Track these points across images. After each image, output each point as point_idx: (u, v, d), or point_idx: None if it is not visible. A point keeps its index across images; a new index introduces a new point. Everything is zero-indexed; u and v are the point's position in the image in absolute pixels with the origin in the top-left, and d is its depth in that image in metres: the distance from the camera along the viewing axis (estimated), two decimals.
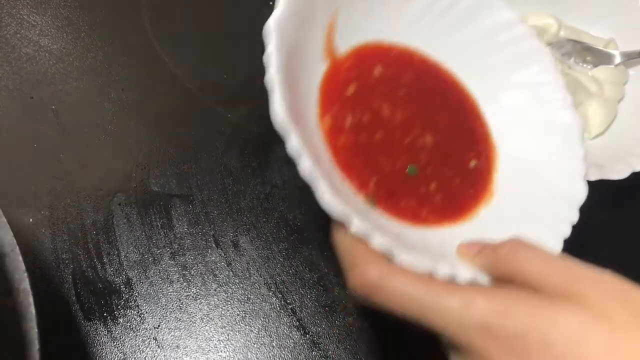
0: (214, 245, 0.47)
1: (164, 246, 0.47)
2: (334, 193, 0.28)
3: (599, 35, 0.52)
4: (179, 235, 0.47)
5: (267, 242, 0.47)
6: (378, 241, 0.28)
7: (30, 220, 0.47)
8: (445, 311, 0.26)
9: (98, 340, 0.44)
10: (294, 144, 0.28)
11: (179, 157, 0.50)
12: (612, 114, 0.49)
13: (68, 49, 0.54)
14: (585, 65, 0.51)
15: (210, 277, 0.46)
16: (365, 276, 0.27)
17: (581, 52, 0.50)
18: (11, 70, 0.53)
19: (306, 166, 0.28)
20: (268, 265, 0.47)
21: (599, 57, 0.50)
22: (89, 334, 0.44)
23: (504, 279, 0.28)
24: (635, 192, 0.51)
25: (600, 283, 0.25)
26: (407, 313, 0.27)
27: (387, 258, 0.28)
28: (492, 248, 0.29)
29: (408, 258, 0.28)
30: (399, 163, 0.36)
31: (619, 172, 0.43)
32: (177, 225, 0.48)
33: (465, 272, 0.29)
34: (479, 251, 0.30)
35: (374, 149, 0.35)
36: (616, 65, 0.50)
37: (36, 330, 0.29)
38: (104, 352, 0.43)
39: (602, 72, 0.50)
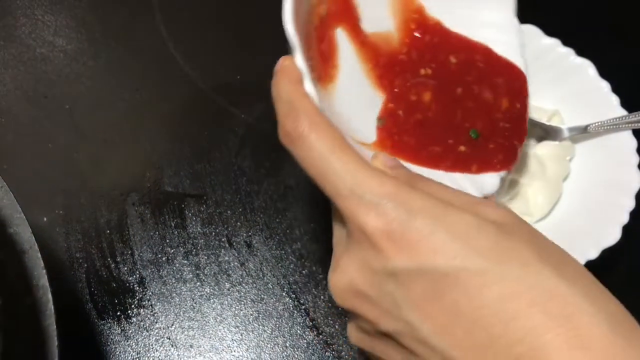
0: (227, 245, 0.47)
1: (178, 246, 0.47)
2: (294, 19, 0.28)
3: (543, 105, 0.48)
4: (192, 235, 0.47)
5: (281, 242, 0.47)
6: (308, 87, 0.27)
7: (45, 219, 0.47)
8: (345, 175, 0.25)
9: (112, 339, 0.44)
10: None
11: (193, 157, 0.50)
12: (556, 194, 0.45)
13: (82, 49, 0.54)
14: (528, 141, 0.46)
15: (224, 276, 0.46)
16: (295, 124, 0.26)
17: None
18: (26, 70, 0.53)
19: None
20: (281, 266, 0.47)
21: (544, 131, 0.46)
22: (103, 333, 0.44)
23: None
24: None
25: (504, 209, 0.25)
26: (313, 173, 0.26)
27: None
28: (406, 170, 0.28)
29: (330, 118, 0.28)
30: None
31: None
32: (190, 225, 0.48)
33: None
34: (396, 167, 0.28)
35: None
36: (562, 141, 0.46)
37: (55, 326, 0.29)
38: (117, 351, 0.43)
39: (545, 148, 0.46)
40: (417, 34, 0.39)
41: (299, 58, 0.28)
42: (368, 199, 0.24)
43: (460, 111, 0.38)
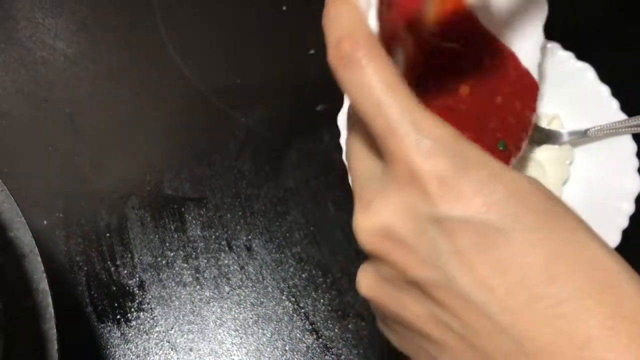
0: (227, 248, 0.47)
1: (177, 249, 0.47)
2: None
3: (543, 109, 0.48)
4: (192, 239, 0.47)
5: (280, 245, 0.47)
6: (372, 20, 0.25)
7: (45, 222, 0.47)
8: (404, 114, 0.23)
9: (111, 343, 0.44)
10: None
11: (193, 161, 0.50)
12: None
13: (83, 52, 0.54)
14: (529, 144, 0.46)
15: (223, 280, 0.46)
16: (355, 47, 0.24)
17: None
18: (26, 73, 0.53)
19: None
20: (281, 269, 0.47)
21: (544, 135, 0.47)
22: (103, 336, 0.44)
23: None
24: None
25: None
26: (363, 101, 0.24)
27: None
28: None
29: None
30: None
31: None
32: (190, 229, 0.48)
33: None
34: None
35: None
36: (561, 145, 0.46)
37: (55, 330, 0.30)
38: (117, 354, 0.43)
39: (545, 152, 0.46)
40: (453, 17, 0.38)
41: None
42: (425, 141, 0.23)
43: (495, 119, 0.37)
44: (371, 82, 0.23)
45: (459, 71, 0.38)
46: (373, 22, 0.25)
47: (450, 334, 0.24)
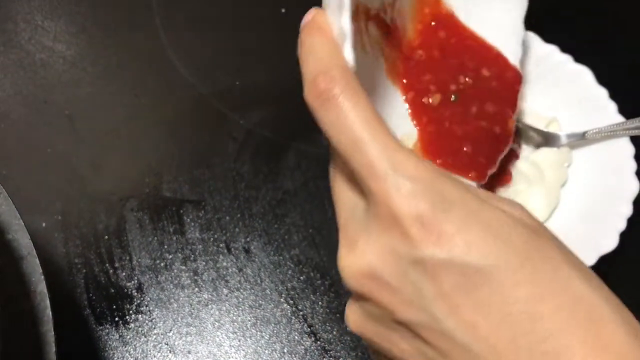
0: (225, 251, 0.47)
1: (176, 251, 0.47)
2: None
3: (541, 112, 0.48)
4: (190, 241, 0.47)
5: (279, 248, 0.47)
6: (348, 52, 0.25)
7: (44, 224, 0.47)
8: (382, 154, 0.23)
9: (109, 345, 0.44)
10: None
11: (192, 163, 0.50)
12: (555, 200, 0.45)
13: (82, 54, 0.54)
14: (526, 147, 0.47)
15: (222, 282, 0.46)
16: (330, 84, 0.24)
17: (524, 132, 0.47)
18: (25, 76, 0.53)
19: None
20: (279, 272, 0.47)
21: (542, 138, 0.46)
22: (101, 339, 0.44)
23: None
24: None
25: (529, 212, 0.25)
26: (343, 142, 0.24)
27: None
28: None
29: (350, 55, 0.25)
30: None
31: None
32: (189, 231, 0.48)
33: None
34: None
35: None
36: (559, 147, 0.46)
37: (53, 332, 0.30)
38: (115, 357, 0.43)
39: (543, 154, 0.46)
40: (433, 23, 0.39)
41: (346, 17, 0.24)
42: (404, 182, 0.23)
43: (469, 127, 0.38)
44: (348, 120, 0.24)
45: (442, 78, 0.38)
46: (349, 54, 0.25)
47: None
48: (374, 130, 0.24)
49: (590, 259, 0.41)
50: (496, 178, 0.43)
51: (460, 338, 0.23)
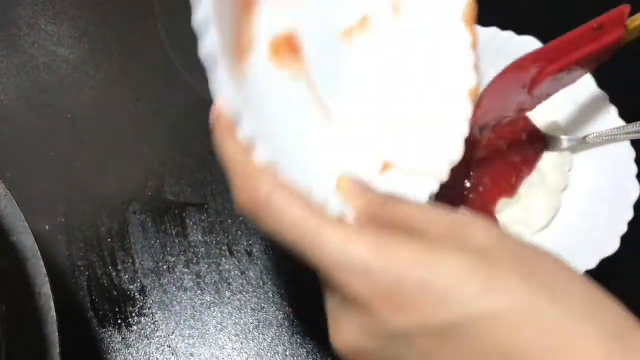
0: (228, 254, 0.47)
1: (179, 254, 0.47)
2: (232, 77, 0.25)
3: (542, 116, 0.48)
4: (193, 244, 0.48)
5: (281, 251, 0.48)
6: (262, 151, 0.24)
7: (47, 227, 0.47)
8: (326, 247, 0.24)
9: (112, 347, 0.44)
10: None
11: (194, 167, 0.50)
12: (557, 204, 0.45)
13: (85, 59, 0.55)
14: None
15: (224, 285, 0.46)
16: (255, 192, 0.24)
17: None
18: (29, 80, 0.53)
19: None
20: (282, 274, 0.47)
21: (545, 141, 0.47)
22: (104, 341, 0.44)
23: (385, 225, 0.25)
24: None
25: (486, 229, 0.24)
26: (289, 243, 0.25)
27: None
28: (376, 193, 0.27)
29: (288, 176, 0.24)
30: None
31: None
32: (191, 234, 0.48)
33: (338, 205, 0.26)
34: (364, 191, 0.27)
35: None
36: (561, 151, 0.47)
37: (57, 334, 0.30)
38: (118, 359, 0.43)
39: (545, 158, 0.46)
40: None
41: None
42: (355, 264, 0.23)
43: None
44: (286, 223, 0.24)
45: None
46: (262, 152, 0.24)
47: None
48: (314, 223, 0.24)
49: (591, 263, 0.41)
50: (500, 189, 0.45)
51: None
